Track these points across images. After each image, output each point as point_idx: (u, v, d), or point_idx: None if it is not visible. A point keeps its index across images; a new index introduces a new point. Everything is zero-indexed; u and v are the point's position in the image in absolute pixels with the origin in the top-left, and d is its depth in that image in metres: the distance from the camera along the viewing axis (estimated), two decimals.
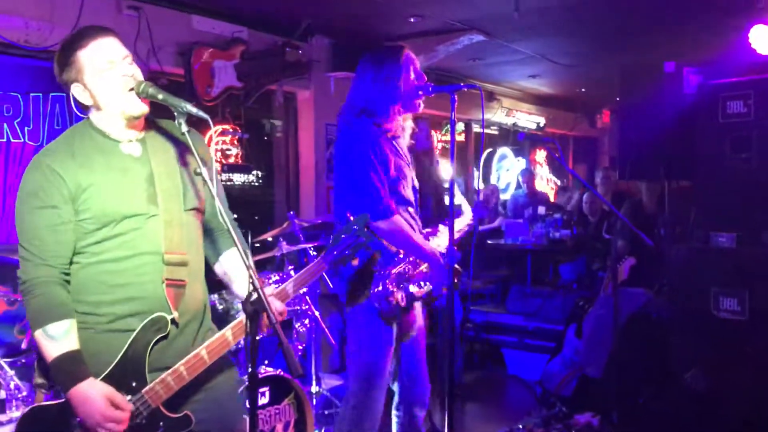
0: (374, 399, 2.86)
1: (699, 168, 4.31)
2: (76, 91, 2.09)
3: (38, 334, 2.01)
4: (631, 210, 6.81)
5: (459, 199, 3.19)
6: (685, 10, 5.41)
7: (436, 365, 4.75)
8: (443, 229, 3.12)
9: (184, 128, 2.04)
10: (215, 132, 5.68)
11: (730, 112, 4.14)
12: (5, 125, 4.22)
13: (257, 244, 4.47)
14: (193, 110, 2.05)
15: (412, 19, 5.70)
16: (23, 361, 3.47)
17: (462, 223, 3.17)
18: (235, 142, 5.86)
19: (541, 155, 11.10)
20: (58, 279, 2.05)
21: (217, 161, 5.77)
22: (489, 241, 7.50)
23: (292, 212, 4.38)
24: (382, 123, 2.86)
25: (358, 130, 2.85)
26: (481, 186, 9.69)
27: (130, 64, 2.10)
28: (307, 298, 3.88)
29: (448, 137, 9.49)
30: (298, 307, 3.85)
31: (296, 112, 6.47)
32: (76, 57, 2.04)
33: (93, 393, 1.96)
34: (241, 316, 2.04)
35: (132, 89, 2.06)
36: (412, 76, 2.93)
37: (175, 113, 2.04)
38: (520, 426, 4.57)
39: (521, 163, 10.57)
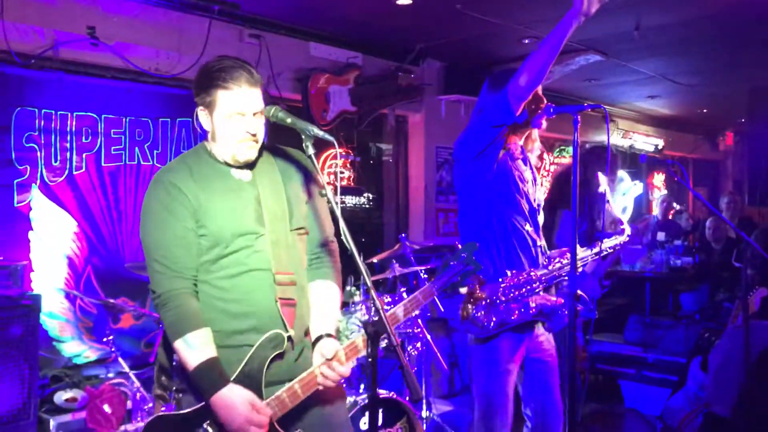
0: (494, 427, 2.78)
1: None
2: (202, 116, 2.18)
3: (178, 344, 2.07)
4: (763, 237, 6.40)
5: (618, 214, 3.10)
6: None
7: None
8: (606, 242, 3.05)
9: (311, 151, 2.08)
10: (329, 155, 5.78)
11: None
12: (136, 149, 4.46)
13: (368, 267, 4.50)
14: (320, 133, 2.08)
15: (526, 41, 5.62)
16: (150, 374, 3.62)
17: (617, 241, 3.06)
18: (348, 165, 5.95)
19: (659, 179, 10.64)
20: (191, 290, 2.12)
21: (330, 184, 5.88)
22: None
23: (403, 235, 4.38)
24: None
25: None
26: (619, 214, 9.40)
27: (258, 119, 2.15)
28: (419, 321, 3.86)
29: (560, 159, 9.28)
30: (410, 330, 3.82)
31: (407, 135, 6.51)
32: (215, 92, 2.11)
33: (236, 398, 2.02)
34: (354, 337, 2.08)
35: (264, 114, 2.15)
36: (530, 98, 2.86)
37: (303, 136, 2.08)
38: None
39: (638, 186, 10.17)
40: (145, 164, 4.50)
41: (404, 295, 3.90)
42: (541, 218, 2.99)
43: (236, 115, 2.10)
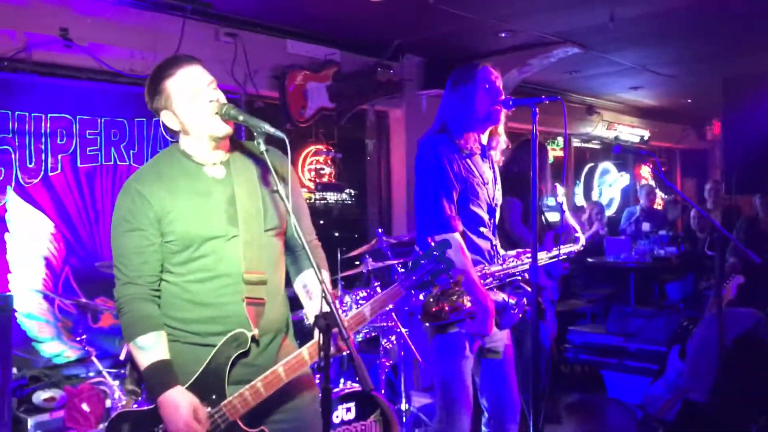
0: (456, 414, 2.81)
1: None
2: (166, 117, 2.22)
3: (131, 346, 2.15)
4: (746, 226, 6.43)
5: (573, 223, 3.12)
6: None
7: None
8: (563, 248, 3.09)
9: (263, 147, 2.09)
10: (309, 152, 5.81)
11: None
12: (112, 149, 4.48)
13: (347, 262, 4.52)
14: (271, 130, 2.08)
15: (503, 35, 5.64)
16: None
17: (572, 248, 3.10)
18: (329, 161, 5.97)
19: (646, 170, 10.67)
20: (146, 295, 2.16)
21: (311, 180, 5.90)
22: (590, 259, 7.26)
23: (380, 229, 4.41)
24: (456, 140, 2.85)
25: (431, 146, 2.86)
26: (583, 203, 9.43)
27: (214, 89, 2.20)
28: (394, 314, 3.88)
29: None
30: (385, 324, 3.85)
31: (388, 130, 6.53)
32: (164, 86, 2.18)
33: (180, 400, 2.06)
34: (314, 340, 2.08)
35: (217, 113, 2.15)
36: (487, 92, 2.88)
37: (255, 133, 2.09)
38: None
39: (625, 178, 10.21)
40: (121, 164, 4.52)
41: (378, 290, 3.93)
42: (497, 216, 3.01)
43: (191, 91, 2.14)
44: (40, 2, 4.09)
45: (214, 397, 2.12)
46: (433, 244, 2.24)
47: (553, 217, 5.89)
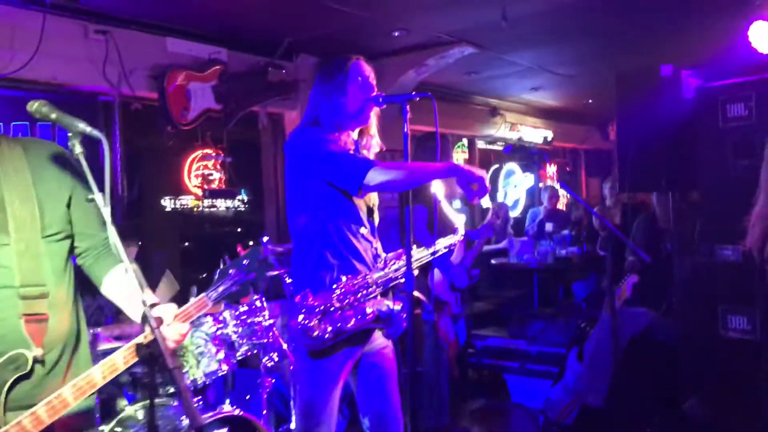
0: None
1: (701, 177, 4.03)
2: None
3: None
4: (644, 224, 6.47)
5: (452, 215, 2.93)
6: (680, 10, 5.13)
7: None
8: (441, 241, 2.88)
9: (78, 150, 1.86)
10: (196, 157, 5.48)
11: (731, 116, 3.86)
12: None
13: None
14: (87, 129, 1.87)
15: (396, 33, 5.48)
16: None
17: (452, 240, 2.89)
18: (218, 166, 5.66)
19: (551, 170, 10.78)
20: None
21: (198, 187, 5.58)
22: (493, 261, 7.21)
23: (265, 237, 4.13)
24: (329, 135, 2.64)
25: (310, 133, 2.64)
26: (488, 204, 9.41)
27: None
28: (275, 329, 3.63)
29: (458, 154, 9.23)
30: (265, 340, 3.59)
31: (284, 132, 6.27)
32: None
33: None
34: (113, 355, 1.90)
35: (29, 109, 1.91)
36: (360, 86, 2.68)
37: (69, 134, 1.87)
38: None
39: (530, 179, 10.27)
40: None
41: (257, 303, 3.67)
42: (376, 218, 2.81)
43: None
44: None
45: None
46: (242, 253, 2.07)
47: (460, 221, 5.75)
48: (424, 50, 6.01)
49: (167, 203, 5.48)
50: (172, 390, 3.45)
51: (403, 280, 2.69)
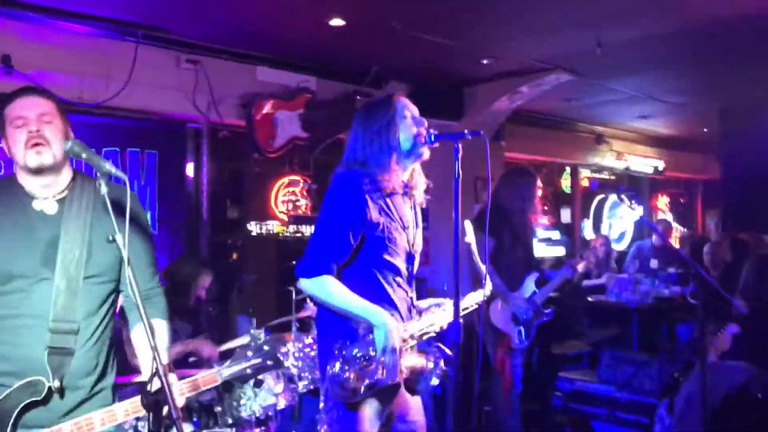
0: None
1: None
2: (3, 143, 2.13)
3: None
4: (757, 265, 5.92)
5: (478, 262, 2.75)
6: None
7: None
8: (470, 297, 2.73)
9: (104, 190, 1.93)
10: (283, 183, 5.55)
11: None
12: None
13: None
14: (113, 170, 1.96)
15: (485, 61, 5.34)
16: None
17: (473, 300, 2.72)
18: (304, 192, 5.70)
19: (663, 201, 10.19)
20: None
21: (284, 213, 5.64)
22: (590, 298, 6.85)
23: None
24: (375, 176, 2.53)
25: (348, 179, 2.53)
26: (592, 236, 9.00)
27: (46, 122, 2.07)
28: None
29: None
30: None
31: None
32: (4, 111, 2.10)
33: None
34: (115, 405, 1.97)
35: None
36: (408, 124, 2.57)
37: (98, 174, 1.95)
38: None
39: (638, 210, 9.72)
40: None
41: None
42: (416, 265, 2.67)
43: (18, 120, 2.05)
44: None
45: None
46: (263, 337, 2.08)
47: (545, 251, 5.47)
48: (517, 77, 5.82)
49: (253, 228, 5.57)
50: (230, 421, 3.46)
51: (434, 333, 2.56)
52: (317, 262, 2.43)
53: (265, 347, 2.04)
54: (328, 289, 2.42)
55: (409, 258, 2.59)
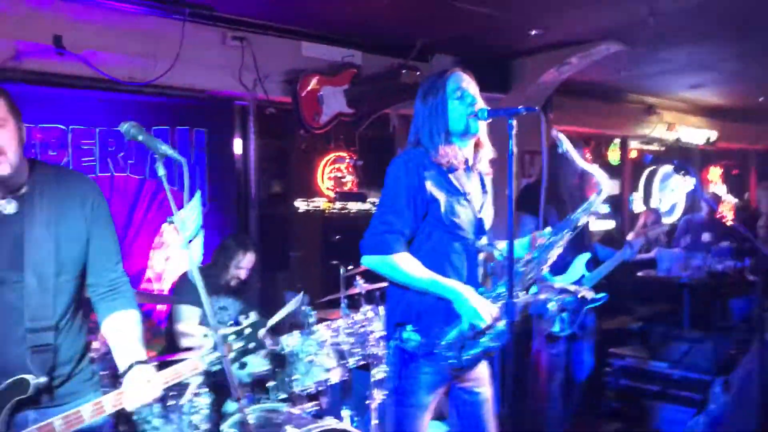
0: None
1: None
2: None
3: None
4: None
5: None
6: None
7: None
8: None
9: (162, 171, 1.97)
10: (329, 160, 5.54)
11: None
12: (109, 160, 4.34)
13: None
14: (169, 152, 1.98)
15: (533, 32, 5.22)
16: None
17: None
18: (350, 169, 5.69)
19: (715, 172, 9.92)
20: None
21: (330, 189, 5.64)
22: (639, 273, 6.72)
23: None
24: (434, 155, 2.53)
25: (404, 160, 2.55)
26: (641, 209, 8.82)
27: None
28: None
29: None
30: (377, 351, 3.55)
31: None
32: None
33: None
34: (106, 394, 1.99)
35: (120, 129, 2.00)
36: (460, 101, 2.54)
37: (156, 156, 1.98)
38: None
39: (689, 182, 9.48)
40: (118, 175, 4.37)
41: (369, 313, 3.63)
42: (484, 239, 2.66)
43: None
44: (32, 10, 3.96)
45: None
46: (244, 322, 2.07)
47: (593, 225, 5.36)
48: (566, 48, 5.68)
49: (300, 205, 5.59)
50: (283, 396, 3.51)
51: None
52: (382, 240, 2.46)
53: (246, 331, 2.04)
54: (396, 266, 2.45)
55: (478, 230, 2.59)
